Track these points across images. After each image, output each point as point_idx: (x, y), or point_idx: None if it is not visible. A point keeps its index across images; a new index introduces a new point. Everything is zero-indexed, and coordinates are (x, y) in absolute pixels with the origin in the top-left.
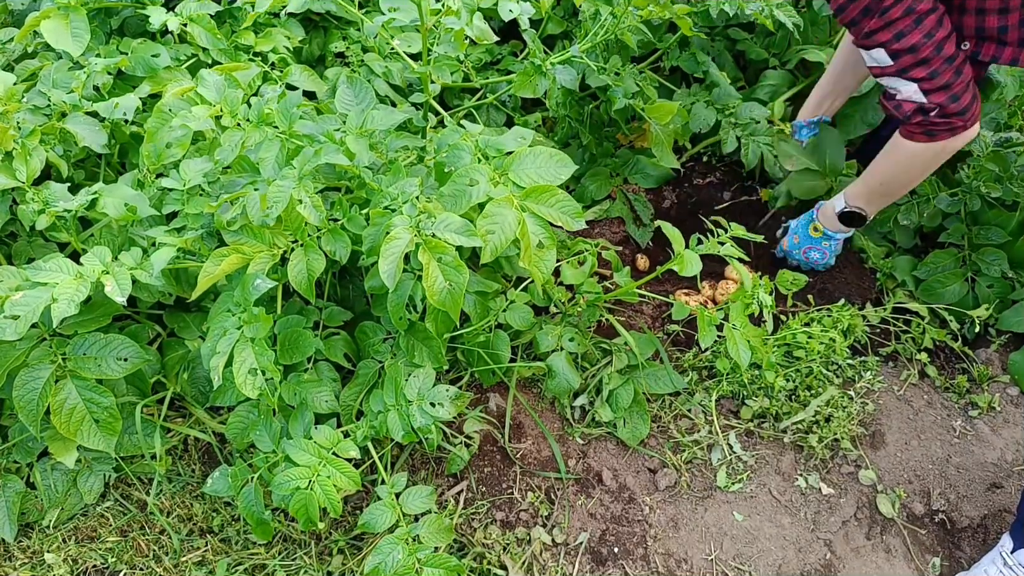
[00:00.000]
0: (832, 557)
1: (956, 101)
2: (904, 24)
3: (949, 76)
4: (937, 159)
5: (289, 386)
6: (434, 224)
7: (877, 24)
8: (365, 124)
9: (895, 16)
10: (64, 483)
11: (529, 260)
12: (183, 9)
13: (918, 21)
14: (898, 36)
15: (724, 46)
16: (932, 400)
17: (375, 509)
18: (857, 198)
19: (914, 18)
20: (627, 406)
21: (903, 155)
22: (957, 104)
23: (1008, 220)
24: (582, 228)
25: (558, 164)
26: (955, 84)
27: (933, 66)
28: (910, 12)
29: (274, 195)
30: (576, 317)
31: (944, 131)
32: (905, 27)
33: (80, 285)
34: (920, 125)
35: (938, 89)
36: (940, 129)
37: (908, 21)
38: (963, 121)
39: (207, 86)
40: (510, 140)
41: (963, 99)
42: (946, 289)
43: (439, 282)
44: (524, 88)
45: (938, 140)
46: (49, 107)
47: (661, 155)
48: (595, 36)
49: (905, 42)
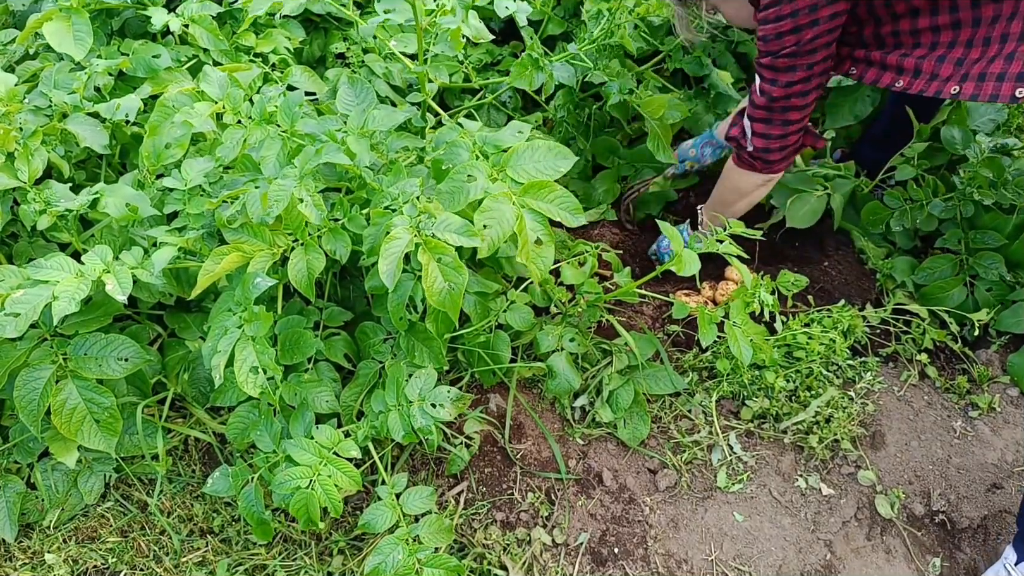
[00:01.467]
0: (832, 558)
1: (767, 153)
2: (782, 77)
3: (776, 133)
4: (740, 184)
5: (290, 386)
6: (434, 224)
7: (768, 63)
8: (366, 124)
9: (779, 66)
10: (65, 483)
11: (527, 256)
12: (184, 10)
13: (789, 84)
14: (772, 81)
15: (725, 47)
16: (932, 401)
17: (375, 509)
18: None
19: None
20: (627, 407)
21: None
22: (766, 155)
23: (1005, 223)
24: (582, 224)
25: (557, 157)
26: (774, 140)
27: (771, 118)
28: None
29: (275, 193)
30: (576, 317)
31: (745, 163)
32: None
33: (81, 283)
34: (735, 146)
35: (760, 135)
36: (743, 160)
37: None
38: (762, 167)
39: (210, 82)
40: (507, 135)
41: (772, 155)
42: (946, 295)
43: (439, 282)
44: (520, 79)
45: (739, 166)
46: (51, 108)
47: (657, 150)
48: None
49: (770, 88)
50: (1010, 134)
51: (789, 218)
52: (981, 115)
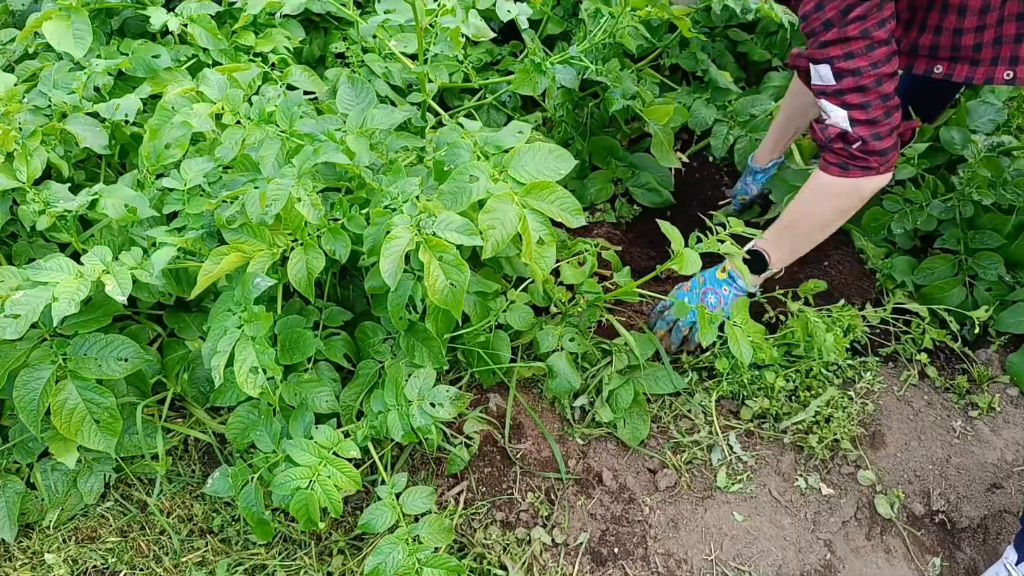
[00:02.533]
0: (832, 557)
1: (879, 140)
2: (856, 46)
3: (879, 113)
4: (847, 198)
5: (289, 386)
6: (435, 223)
7: (833, 36)
8: (365, 123)
9: (850, 34)
10: (64, 483)
11: (530, 256)
12: (183, 10)
13: (870, 47)
14: (848, 55)
15: (725, 47)
16: (932, 400)
17: (375, 509)
18: (766, 239)
19: (867, 43)
20: (627, 406)
21: (816, 187)
22: (879, 143)
23: (1004, 223)
24: (581, 225)
25: (557, 159)
26: (882, 123)
27: (868, 97)
28: (865, 35)
29: (273, 193)
30: (576, 317)
31: (858, 167)
32: (856, 49)
33: (80, 284)
34: (837, 155)
35: (865, 122)
36: (855, 164)
37: (861, 44)
38: (879, 163)
39: (209, 84)
40: (508, 136)
41: (885, 141)
42: (945, 295)
43: (440, 281)
44: (524, 85)
45: (850, 176)
46: (50, 108)
47: (661, 156)
48: (594, 37)
49: (851, 63)
50: (1009, 133)
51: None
52: (981, 115)
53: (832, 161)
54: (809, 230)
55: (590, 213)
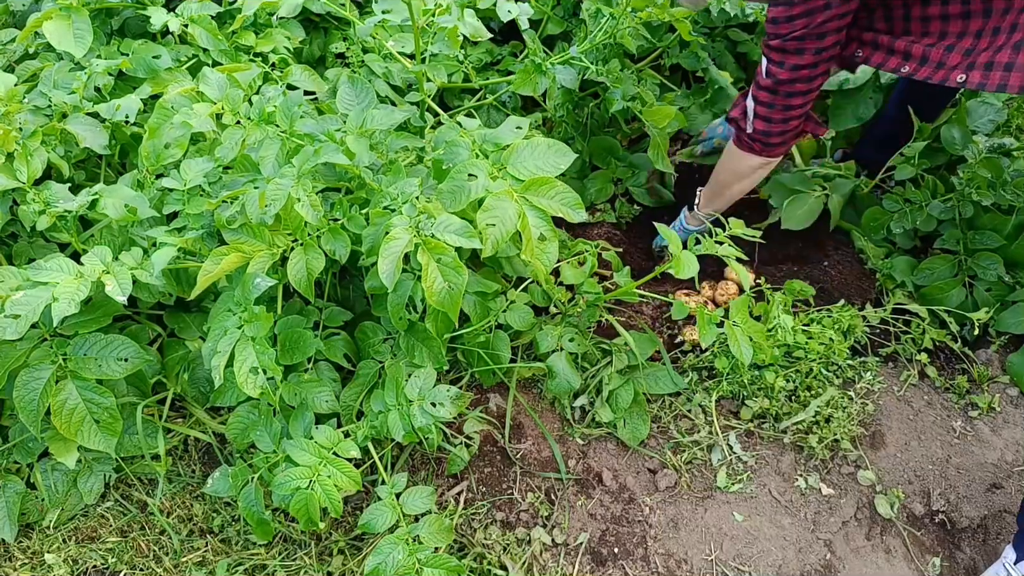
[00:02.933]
0: (832, 557)
1: (767, 136)
2: (790, 60)
3: (777, 117)
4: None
5: (289, 386)
6: (433, 225)
7: (775, 44)
8: (365, 124)
9: (788, 48)
10: (64, 483)
11: (531, 253)
12: (184, 10)
13: (795, 68)
14: (779, 63)
15: (725, 47)
16: (932, 401)
17: (375, 509)
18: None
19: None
20: (627, 406)
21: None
22: (765, 138)
23: (1004, 224)
24: (583, 219)
25: (556, 154)
26: (775, 124)
27: (775, 100)
28: (799, 53)
29: (272, 193)
30: (576, 317)
31: (744, 145)
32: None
33: (81, 284)
34: (735, 128)
35: (762, 118)
36: (743, 140)
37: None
38: (761, 150)
39: (209, 84)
40: (506, 132)
41: (773, 139)
42: (945, 295)
43: (438, 283)
44: (524, 86)
45: (738, 148)
46: (50, 108)
47: (656, 159)
48: (595, 38)
49: (777, 71)
50: (1009, 134)
51: (785, 219)
52: (981, 115)
53: (734, 131)
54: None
55: (590, 213)
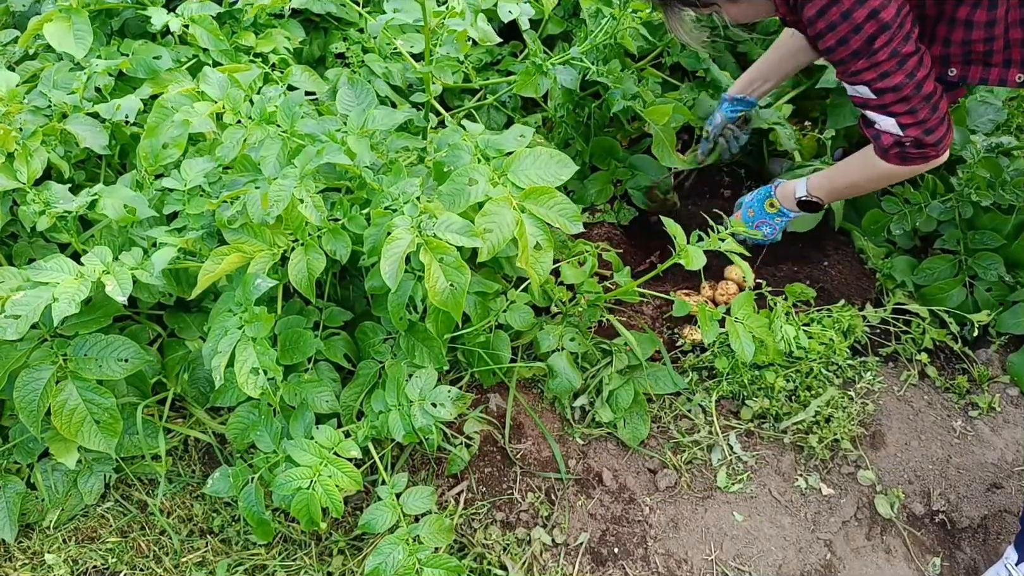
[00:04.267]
0: (832, 557)
1: (931, 134)
2: (889, 65)
3: (926, 113)
4: (905, 177)
5: (290, 386)
6: (435, 225)
7: (864, 65)
8: (366, 124)
9: (881, 59)
10: (65, 484)
11: (526, 261)
12: (184, 10)
13: (901, 63)
14: (882, 76)
15: (725, 46)
16: (932, 400)
17: (375, 509)
18: (820, 190)
19: (898, 60)
20: (627, 406)
21: (875, 172)
22: (932, 136)
23: (1004, 223)
24: (580, 231)
25: (558, 165)
26: (931, 119)
27: (912, 103)
28: (895, 55)
29: (275, 194)
30: (576, 317)
31: (917, 159)
32: (889, 68)
33: (81, 285)
34: (896, 155)
35: (915, 124)
36: (914, 157)
37: (892, 63)
38: (936, 151)
39: (210, 83)
40: (510, 140)
41: (937, 132)
42: (946, 295)
43: (441, 282)
44: (526, 88)
45: (911, 164)
46: (50, 108)
47: (662, 156)
48: (595, 38)
49: (888, 82)
50: (1009, 133)
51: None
52: (981, 115)
53: (892, 158)
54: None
55: (591, 214)
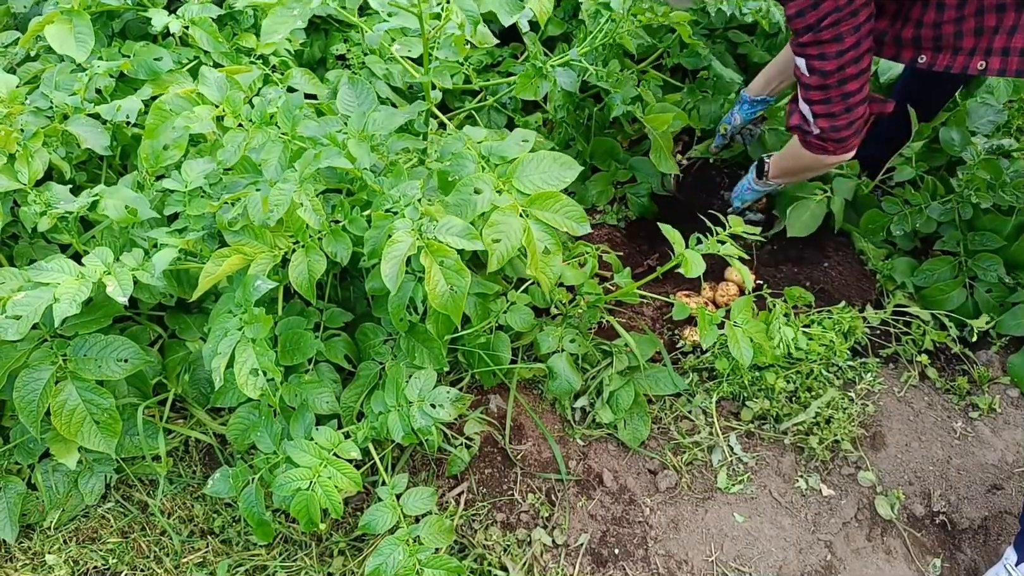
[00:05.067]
0: (832, 558)
1: (835, 132)
2: (829, 48)
3: (838, 109)
4: (815, 164)
5: (290, 387)
6: (436, 227)
7: (810, 39)
8: (367, 127)
9: (824, 38)
10: (65, 484)
11: (536, 267)
12: (185, 12)
13: (839, 53)
14: (820, 56)
15: (725, 48)
16: (932, 402)
17: (376, 510)
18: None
19: (838, 47)
20: (628, 407)
21: (793, 146)
22: (835, 134)
23: (1004, 225)
24: (587, 232)
25: (562, 168)
26: (840, 117)
27: (829, 94)
28: (838, 39)
29: (276, 198)
30: (577, 319)
31: (816, 147)
32: (828, 51)
33: (82, 285)
34: (800, 133)
35: (824, 116)
36: (812, 145)
37: (832, 48)
38: (835, 148)
39: (208, 84)
40: (512, 146)
41: (842, 132)
42: (946, 297)
43: (441, 285)
44: (525, 90)
45: (811, 151)
46: (52, 109)
47: (659, 161)
48: (594, 39)
49: (822, 64)
50: (1009, 135)
51: (789, 227)
52: (980, 116)
53: (798, 136)
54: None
55: (591, 215)
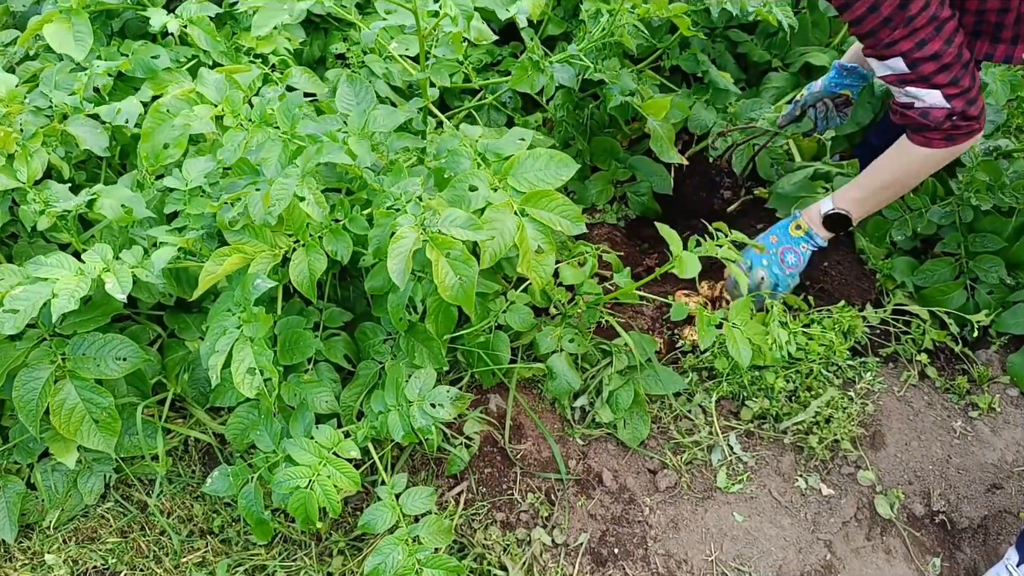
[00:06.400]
0: (832, 558)
1: (974, 104)
2: (926, 32)
3: (968, 81)
4: (945, 162)
5: (289, 386)
6: (439, 220)
7: (900, 34)
8: (367, 126)
9: (919, 25)
10: (64, 484)
11: (528, 266)
12: (183, 11)
13: (939, 28)
14: (920, 44)
15: (725, 47)
16: (932, 401)
17: (375, 510)
18: (847, 201)
19: (935, 25)
20: (627, 407)
21: (914, 160)
22: (975, 107)
23: (1004, 226)
24: (582, 232)
25: (558, 165)
26: (972, 88)
27: (954, 72)
28: (933, 20)
29: (277, 192)
30: (576, 318)
31: (963, 134)
32: (927, 35)
33: (81, 281)
34: (944, 131)
35: (959, 94)
36: (960, 133)
37: (930, 29)
38: (979, 124)
39: (207, 85)
40: (509, 143)
41: (978, 103)
42: (946, 297)
43: (450, 277)
44: (522, 82)
45: (956, 144)
46: (51, 109)
47: (662, 151)
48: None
49: (927, 49)
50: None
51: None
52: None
53: (938, 137)
54: (899, 193)
55: (591, 214)
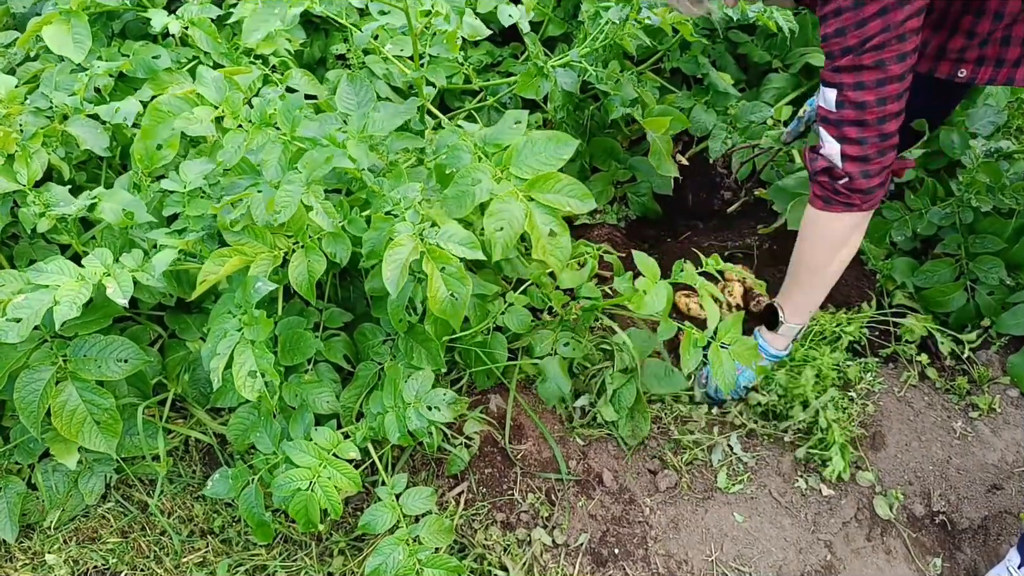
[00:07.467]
0: (832, 558)
1: (867, 178)
2: (868, 76)
3: (872, 151)
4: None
5: (289, 387)
6: (438, 234)
7: (848, 63)
8: (367, 128)
9: (865, 63)
10: (65, 484)
11: (542, 251)
12: (184, 12)
13: (881, 82)
14: (858, 85)
15: (725, 48)
16: (932, 401)
17: (375, 510)
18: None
19: (880, 76)
20: (630, 406)
21: (805, 223)
22: (866, 182)
23: (1004, 227)
24: (592, 208)
25: (557, 145)
26: (873, 162)
27: (866, 133)
28: (880, 66)
29: (282, 199)
30: (572, 322)
31: (840, 203)
32: (868, 80)
33: (82, 287)
34: (822, 187)
35: (857, 159)
36: (838, 200)
37: (873, 76)
38: (861, 201)
39: (206, 85)
40: (506, 131)
41: (873, 180)
42: (946, 298)
43: (442, 292)
44: (527, 89)
45: (831, 210)
46: (51, 109)
47: (659, 164)
48: (594, 41)
49: (859, 95)
50: (1009, 136)
51: (791, 222)
52: (981, 117)
53: (817, 193)
54: (811, 274)
55: (591, 215)
